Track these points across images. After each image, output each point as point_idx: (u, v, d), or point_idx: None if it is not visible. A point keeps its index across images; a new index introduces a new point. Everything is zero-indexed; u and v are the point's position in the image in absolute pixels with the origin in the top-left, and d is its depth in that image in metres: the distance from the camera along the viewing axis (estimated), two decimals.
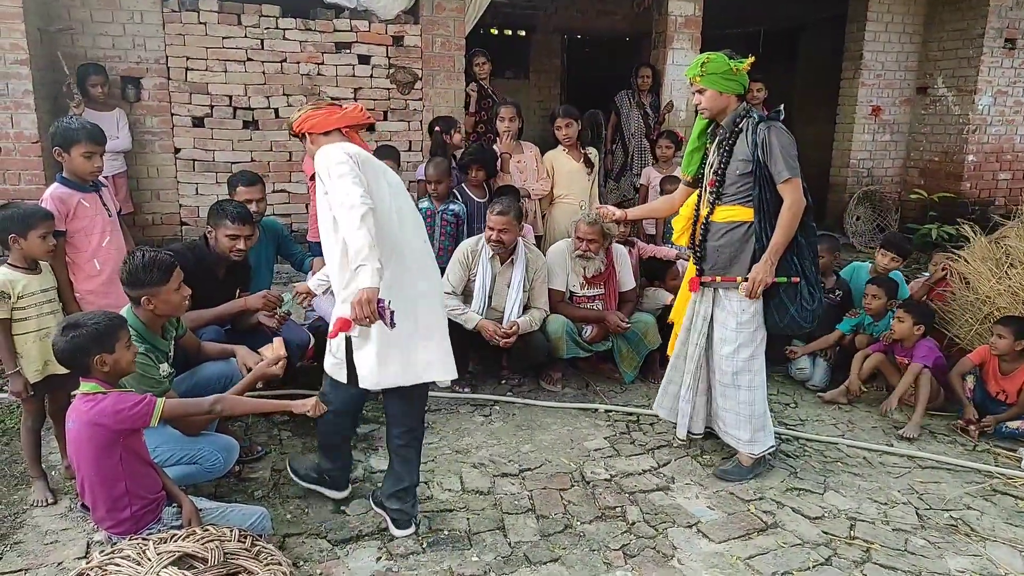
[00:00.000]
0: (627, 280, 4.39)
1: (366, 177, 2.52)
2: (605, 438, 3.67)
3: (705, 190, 3.24)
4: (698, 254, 3.27)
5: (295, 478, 3.08)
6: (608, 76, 9.58)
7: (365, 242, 2.34)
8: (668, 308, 4.49)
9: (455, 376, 2.80)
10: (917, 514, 3.05)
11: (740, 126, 3.09)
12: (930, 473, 3.40)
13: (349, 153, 2.53)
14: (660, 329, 4.33)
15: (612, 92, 7.02)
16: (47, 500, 2.93)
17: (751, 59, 3.08)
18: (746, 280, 3.09)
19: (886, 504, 3.11)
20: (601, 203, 5.50)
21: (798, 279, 3.09)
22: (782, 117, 3.10)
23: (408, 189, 5.53)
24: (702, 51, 7.05)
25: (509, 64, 10.03)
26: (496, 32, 9.98)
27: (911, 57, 8.28)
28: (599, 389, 4.34)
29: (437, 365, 2.72)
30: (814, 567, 2.66)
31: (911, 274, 5.44)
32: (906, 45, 8.23)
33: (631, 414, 3.97)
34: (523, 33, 10.29)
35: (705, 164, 3.27)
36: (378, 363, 2.59)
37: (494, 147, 5.03)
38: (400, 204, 2.68)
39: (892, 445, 3.67)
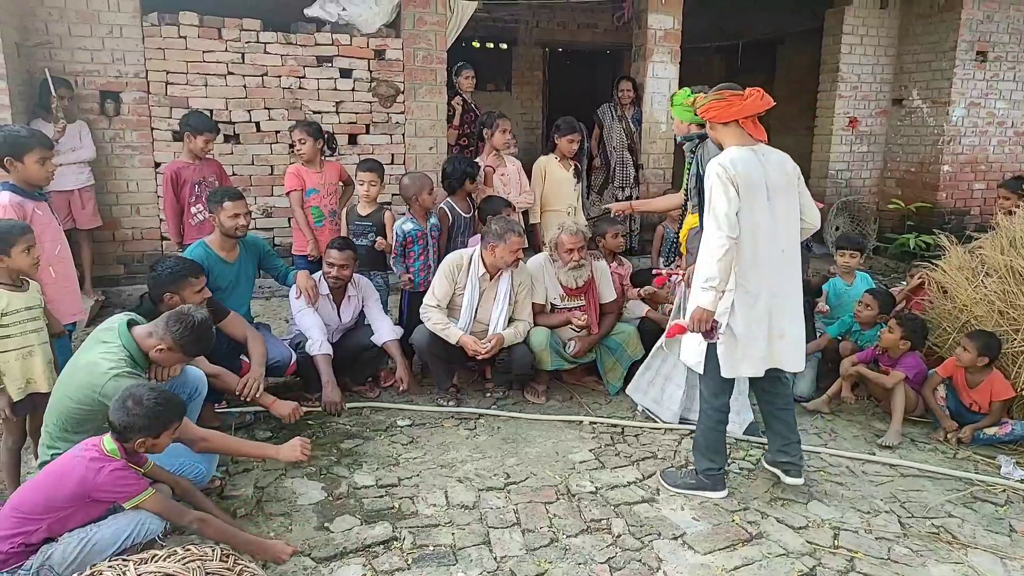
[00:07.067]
0: (607, 292, 4.40)
1: (741, 194, 2.86)
2: (590, 450, 3.67)
3: None
4: None
5: (675, 488, 3.26)
6: (590, 88, 9.65)
7: (716, 273, 2.85)
8: (646, 320, 4.53)
9: (801, 368, 3.18)
10: (900, 522, 3.07)
11: None
12: (912, 481, 3.43)
13: (727, 168, 2.89)
14: (640, 338, 4.34)
15: (594, 104, 7.07)
16: None
17: None
18: None
19: (869, 513, 3.14)
20: (582, 215, 5.57)
21: None
22: None
23: (390, 203, 5.51)
24: (681, 64, 7.25)
25: (491, 77, 10.08)
26: (478, 45, 10.04)
27: (886, 69, 8.42)
28: (584, 401, 4.34)
29: (789, 358, 3.10)
30: None
31: (891, 283, 5.50)
32: (881, 58, 8.37)
33: (616, 426, 3.97)
34: (505, 46, 10.35)
35: None
36: (731, 359, 3.02)
37: (476, 160, 5.05)
38: (774, 207, 2.97)
39: (874, 454, 3.70)
